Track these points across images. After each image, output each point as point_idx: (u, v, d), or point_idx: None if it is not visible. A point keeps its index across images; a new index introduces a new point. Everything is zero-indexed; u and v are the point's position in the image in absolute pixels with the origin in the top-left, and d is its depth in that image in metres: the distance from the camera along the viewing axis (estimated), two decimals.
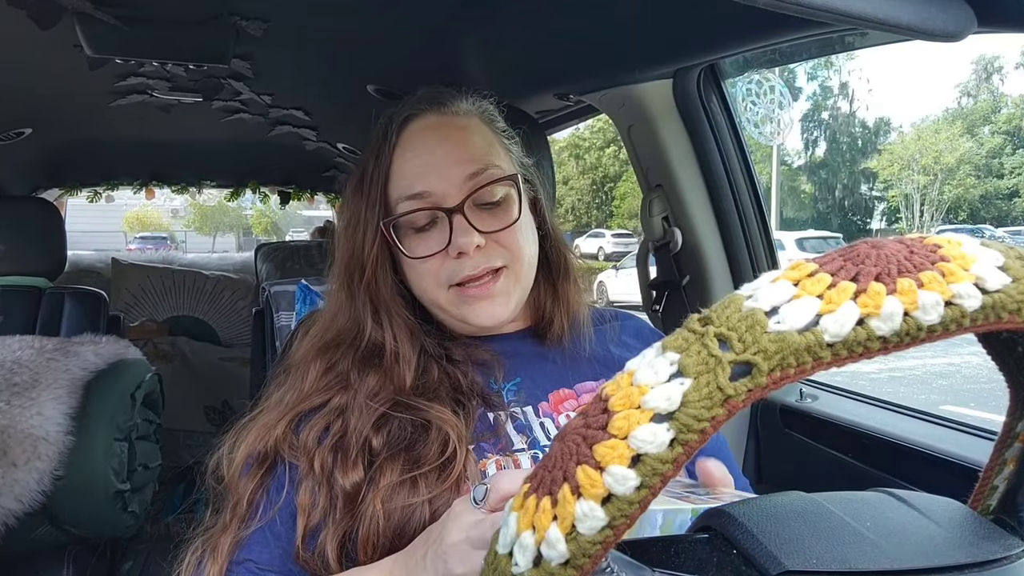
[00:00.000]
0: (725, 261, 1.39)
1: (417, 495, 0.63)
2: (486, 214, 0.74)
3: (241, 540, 0.65)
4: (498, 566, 0.28)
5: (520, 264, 0.75)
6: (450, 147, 0.75)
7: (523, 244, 0.76)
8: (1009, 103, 26.51)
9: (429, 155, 0.74)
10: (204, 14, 1.23)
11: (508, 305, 0.75)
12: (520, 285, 0.76)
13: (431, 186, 0.73)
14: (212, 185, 3.21)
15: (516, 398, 0.75)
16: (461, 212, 0.72)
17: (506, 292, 0.75)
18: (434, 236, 0.74)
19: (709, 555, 0.34)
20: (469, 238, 0.72)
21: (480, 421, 0.72)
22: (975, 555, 0.33)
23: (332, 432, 0.68)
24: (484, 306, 0.74)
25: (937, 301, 0.27)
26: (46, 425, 1.31)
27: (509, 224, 0.74)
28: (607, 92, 1.37)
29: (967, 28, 0.56)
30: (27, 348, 1.42)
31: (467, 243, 0.71)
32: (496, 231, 0.74)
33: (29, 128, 1.95)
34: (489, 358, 0.76)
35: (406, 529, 0.62)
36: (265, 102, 1.84)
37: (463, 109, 0.79)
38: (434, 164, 0.74)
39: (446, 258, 0.73)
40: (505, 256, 0.74)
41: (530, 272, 0.78)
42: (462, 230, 0.72)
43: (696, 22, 1.04)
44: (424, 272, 0.75)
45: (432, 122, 0.77)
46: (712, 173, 1.36)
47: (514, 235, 0.75)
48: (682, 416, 0.26)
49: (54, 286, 1.76)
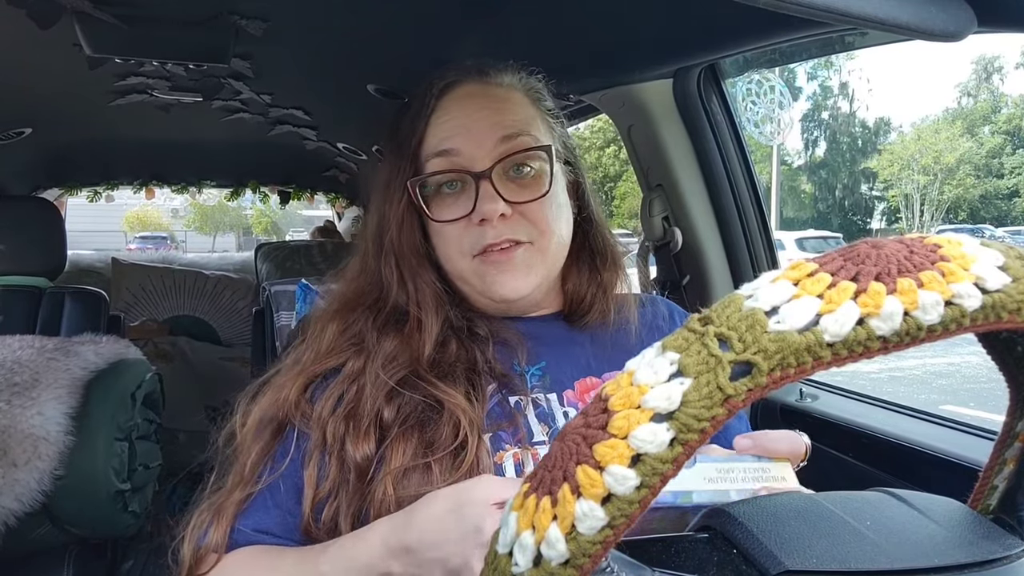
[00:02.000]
0: (725, 261, 1.39)
1: (431, 483, 0.61)
2: (515, 184, 0.72)
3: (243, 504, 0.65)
4: (498, 566, 0.28)
5: (547, 240, 0.73)
6: (486, 112, 0.73)
7: (551, 221, 0.73)
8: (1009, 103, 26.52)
9: (464, 118, 0.73)
10: (204, 14, 1.23)
11: (529, 278, 0.72)
12: (545, 263, 0.74)
13: (460, 145, 0.71)
14: (212, 185, 3.21)
15: (540, 383, 0.72)
16: (488, 178, 0.70)
17: (527, 264, 0.72)
18: (460, 202, 0.72)
19: (709, 555, 0.34)
20: (493, 205, 0.69)
21: (499, 406, 0.70)
22: (975, 555, 0.33)
23: (345, 401, 0.67)
24: (505, 278, 0.71)
25: (937, 301, 0.27)
26: (46, 425, 1.31)
27: (538, 196, 0.72)
28: (607, 92, 1.37)
29: (967, 28, 0.56)
30: (27, 348, 1.42)
31: (491, 210, 0.69)
32: (523, 202, 0.71)
33: (29, 128, 1.95)
34: (513, 338, 0.74)
35: None
36: (265, 102, 1.84)
37: (506, 81, 0.77)
38: (467, 126, 0.72)
39: (469, 225, 0.71)
40: (530, 231, 0.72)
41: (559, 252, 0.75)
42: (487, 196, 0.70)
43: (696, 22, 1.04)
44: (448, 238, 0.73)
45: (472, 89, 0.75)
46: (712, 173, 1.36)
47: (542, 209, 0.72)
48: (682, 416, 0.26)
49: (54, 286, 1.76)
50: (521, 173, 0.72)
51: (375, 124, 1.86)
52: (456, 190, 0.72)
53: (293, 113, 1.98)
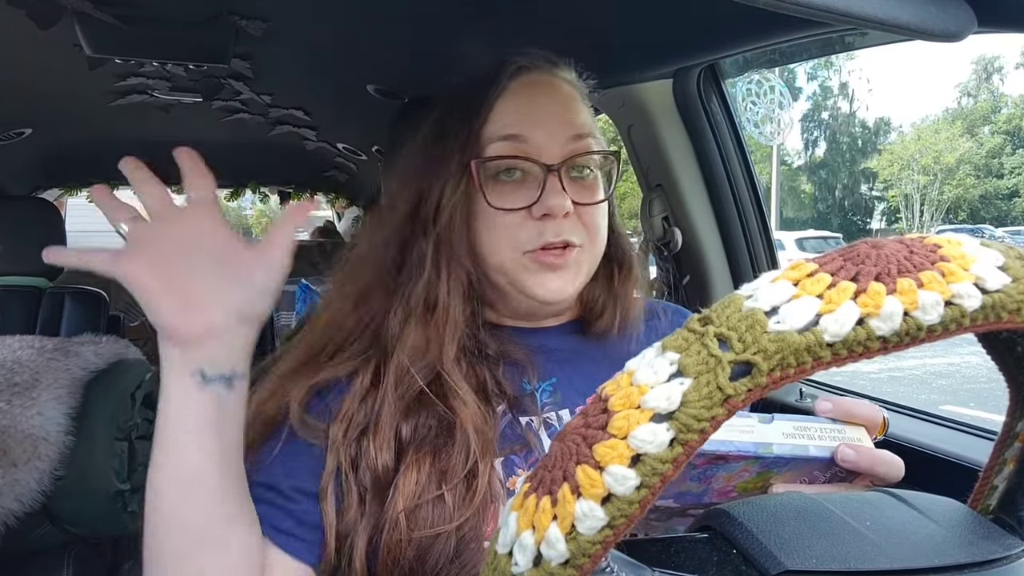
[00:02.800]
0: (725, 261, 1.39)
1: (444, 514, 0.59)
2: (576, 185, 0.69)
3: None
4: (498, 566, 0.28)
5: (595, 247, 0.72)
6: (558, 107, 0.71)
7: (602, 227, 0.72)
8: (1009, 103, 26.52)
9: (537, 106, 0.70)
10: (204, 14, 1.23)
11: (575, 282, 0.70)
12: (588, 270, 0.72)
13: (531, 134, 0.68)
14: None
15: (551, 400, 0.70)
16: (558, 172, 0.67)
17: (577, 268, 0.70)
18: (520, 192, 0.68)
19: (709, 555, 0.34)
20: (561, 200, 0.66)
21: (510, 428, 0.67)
22: (975, 555, 0.33)
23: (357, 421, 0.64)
24: (552, 277, 0.68)
25: (937, 301, 0.27)
26: (46, 425, 1.31)
27: (597, 200, 0.70)
28: (607, 92, 1.37)
29: (967, 28, 0.56)
30: (27, 348, 1.42)
31: (558, 206, 0.66)
32: (586, 204, 0.69)
33: (29, 128, 1.95)
34: (522, 356, 0.71)
35: (429, 553, 0.59)
36: (265, 102, 1.83)
37: (570, 77, 0.75)
38: (540, 115, 0.69)
39: (528, 218, 0.68)
40: (583, 235, 0.69)
41: (598, 259, 0.73)
42: (555, 191, 0.67)
43: (696, 22, 1.04)
44: (501, 227, 0.68)
45: (544, 79, 0.72)
46: (712, 173, 1.36)
47: (596, 214, 0.71)
48: (682, 416, 0.26)
49: (54, 286, 1.76)
50: (582, 174, 0.70)
51: (375, 124, 1.86)
52: (515, 179, 0.69)
53: (293, 113, 1.98)
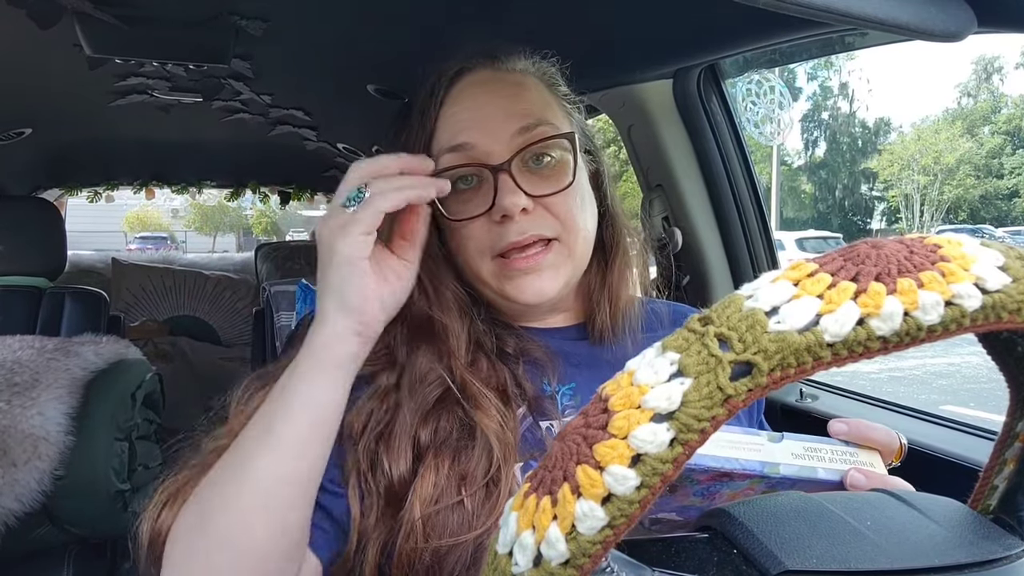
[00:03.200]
0: (725, 261, 1.39)
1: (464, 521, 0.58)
2: (536, 176, 0.67)
3: None
4: (498, 566, 0.28)
5: (573, 236, 0.67)
6: (501, 101, 0.67)
7: (577, 214, 0.68)
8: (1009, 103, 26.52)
9: (477, 109, 0.67)
10: (204, 14, 1.23)
11: (556, 281, 0.67)
12: (572, 261, 0.69)
13: (475, 139, 0.66)
14: (212, 185, 3.21)
15: (572, 403, 0.68)
16: (507, 171, 0.65)
17: (555, 266, 0.67)
18: (477, 198, 0.66)
19: (709, 555, 0.34)
20: (514, 199, 0.64)
21: (531, 432, 0.65)
22: (975, 555, 0.33)
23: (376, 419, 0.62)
24: (529, 280, 0.66)
25: (937, 301, 0.27)
26: (46, 425, 1.31)
27: (561, 188, 0.66)
28: (607, 92, 1.37)
29: (967, 28, 0.56)
30: (27, 348, 1.42)
31: (512, 204, 0.64)
32: (546, 195, 0.66)
33: (29, 128, 1.95)
34: (542, 356, 0.69)
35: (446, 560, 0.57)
36: (265, 102, 1.83)
37: (519, 66, 0.72)
38: (481, 118, 0.67)
39: (490, 223, 0.66)
40: (555, 226, 0.67)
41: (585, 248, 0.70)
42: (507, 190, 0.64)
43: (696, 22, 1.04)
44: (466, 238, 0.67)
45: (484, 77, 0.70)
46: (712, 173, 1.36)
47: (566, 202, 0.67)
48: (682, 416, 0.26)
49: (54, 286, 1.76)
50: (541, 164, 0.67)
51: (375, 124, 1.86)
52: (472, 185, 0.67)
53: (293, 113, 1.98)
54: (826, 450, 0.50)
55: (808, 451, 0.49)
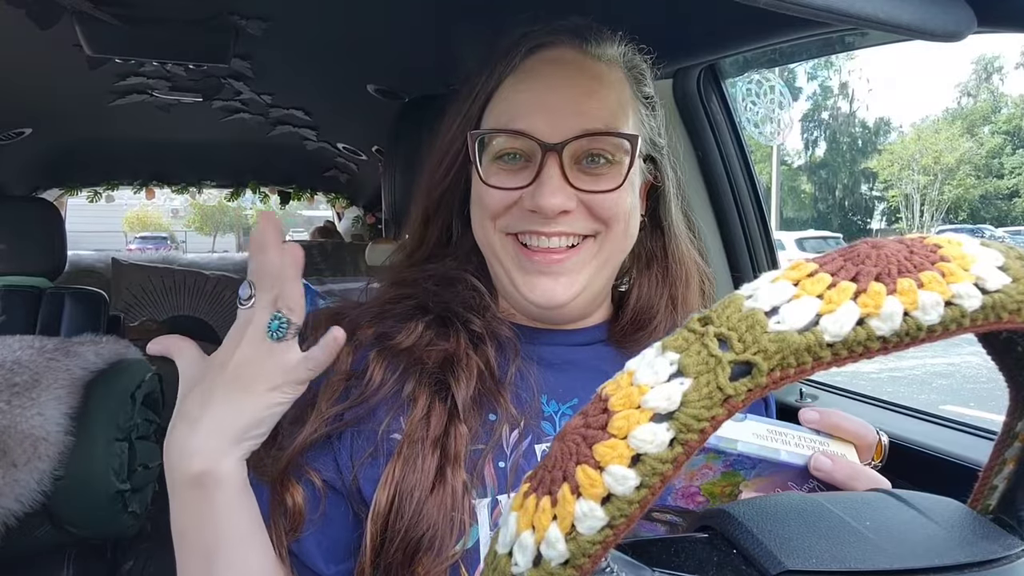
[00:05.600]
0: (725, 261, 1.39)
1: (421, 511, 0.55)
2: (585, 174, 0.61)
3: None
4: (498, 566, 0.28)
5: (610, 237, 0.62)
6: (574, 92, 0.61)
7: (621, 215, 0.62)
8: (1009, 103, 26.52)
9: (546, 93, 0.61)
10: (204, 14, 1.23)
11: (572, 287, 0.62)
12: (597, 263, 0.63)
13: (534, 128, 0.60)
14: (212, 185, 3.22)
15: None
16: (558, 154, 0.59)
17: (576, 270, 0.62)
18: (518, 177, 0.61)
19: (709, 555, 0.34)
20: (554, 200, 0.58)
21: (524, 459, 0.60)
22: (975, 555, 0.33)
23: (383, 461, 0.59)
24: (542, 281, 0.61)
25: (937, 301, 0.27)
26: (46, 425, 1.31)
27: (610, 189, 0.60)
28: None
29: (967, 28, 0.56)
30: (27, 348, 1.42)
31: (551, 207, 0.58)
32: (592, 192, 0.60)
33: (29, 128, 1.96)
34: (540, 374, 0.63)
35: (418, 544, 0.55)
36: (265, 102, 1.84)
37: (608, 54, 0.65)
38: (548, 104, 0.60)
39: (520, 203, 0.61)
40: (595, 226, 0.61)
41: (616, 254, 0.64)
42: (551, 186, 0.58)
43: (696, 22, 1.04)
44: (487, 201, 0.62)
45: (566, 56, 0.63)
46: (712, 173, 1.36)
47: (613, 205, 0.61)
48: (682, 416, 0.26)
49: (54, 286, 1.76)
50: (596, 163, 0.61)
51: (375, 124, 1.86)
52: (517, 164, 0.61)
53: (293, 113, 1.98)
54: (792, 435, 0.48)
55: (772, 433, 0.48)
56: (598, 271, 0.63)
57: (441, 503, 0.55)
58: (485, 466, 0.59)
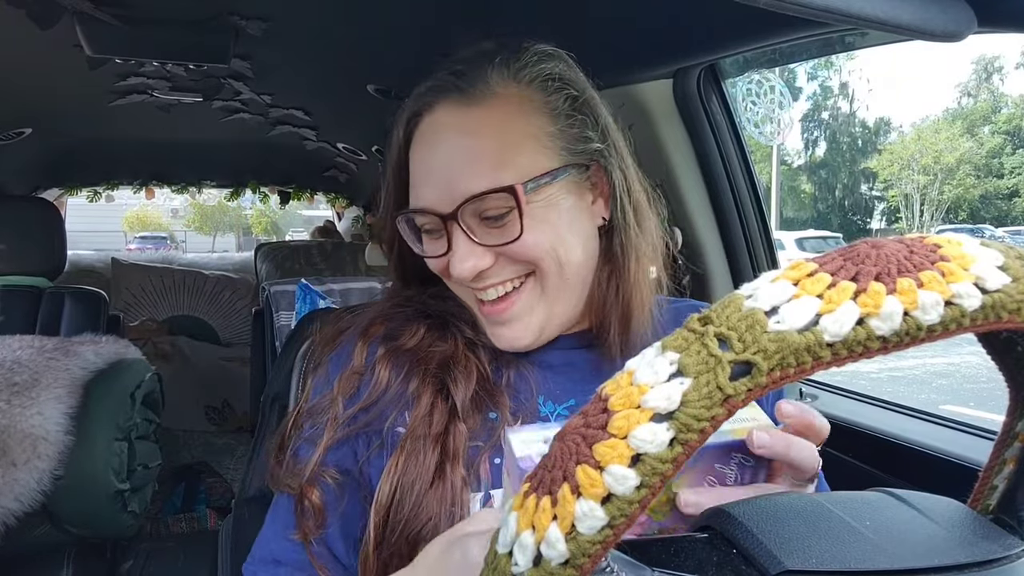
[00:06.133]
0: (725, 261, 1.39)
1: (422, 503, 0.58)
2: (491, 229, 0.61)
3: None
4: (498, 566, 0.28)
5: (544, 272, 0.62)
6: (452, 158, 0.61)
7: (542, 253, 0.61)
8: (1009, 103, 26.52)
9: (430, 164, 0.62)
10: (204, 14, 1.23)
11: (529, 329, 0.63)
12: (547, 298, 0.63)
13: (430, 202, 0.62)
14: (212, 185, 3.22)
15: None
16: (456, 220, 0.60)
17: (526, 312, 0.63)
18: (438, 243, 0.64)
19: (709, 555, 0.34)
20: (464, 264, 0.60)
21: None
22: (975, 555, 0.33)
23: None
24: (501, 331, 0.64)
25: (937, 301, 0.27)
26: (46, 425, 1.31)
27: (510, 240, 0.60)
28: (607, 92, 1.36)
29: (967, 28, 0.56)
30: (27, 348, 1.42)
31: (463, 272, 0.60)
32: (501, 244, 0.60)
33: (29, 128, 1.96)
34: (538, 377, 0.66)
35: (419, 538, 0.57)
36: (265, 102, 1.84)
37: (492, 87, 0.62)
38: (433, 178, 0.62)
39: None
40: (524, 267, 0.62)
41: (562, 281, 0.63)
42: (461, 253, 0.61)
43: (696, 22, 1.04)
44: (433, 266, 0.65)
45: (441, 120, 0.63)
46: (712, 173, 1.36)
47: (526, 248, 0.61)
48: (682, 416, 0.26)
49: (54, 286, 1.76)
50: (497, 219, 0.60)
51: (375, 124, 1.86)
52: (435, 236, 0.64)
53: (293, 113, 1.98)
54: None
55: None
56: (552, 304, 0.64)
57: (441, 497, 0.58)
58: (482, 463, 0.61)
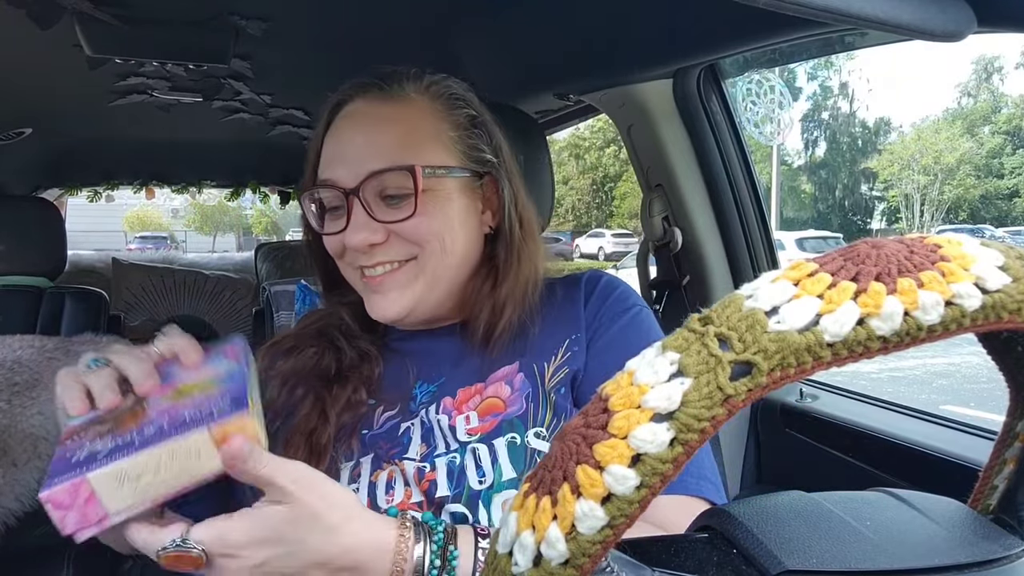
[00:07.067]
0: (725, 261, 1.39)
1: None
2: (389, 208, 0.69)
3: None
4: (498, 566, 0.28)
5: (429, 257, 0.70)
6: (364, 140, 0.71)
7: (434, 238, 0.70)
8: (1009, 103, 26.52)
9: (343, 145, 0.72)
10: (204, 14, 1.23)
11: (401, 301, 0.71)
12: (425, 280, 0.71)
13: (337, 177, 0.70)
14: (212, 185, 3.21)
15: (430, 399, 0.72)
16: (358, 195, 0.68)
17: (403, 286, 0.71)
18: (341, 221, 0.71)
19: (709, 554, 0.34)
20: (358, 236, 0.68)
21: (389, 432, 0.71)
22: (975, 555, 0.33)
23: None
24: (377, 299, 0.72)
25: (937, 301, 0.27)
26: (46, 424, 1.31)
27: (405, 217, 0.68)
28: (607, 92, 1.37)
29: (967, 28, 0.56)
30: (27, 348, 1.42)
31: (357, 242, 0.68)
32: (395, 221, 0.69)
33: (29, 128, 1.95)
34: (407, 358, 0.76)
35: None
36: (265, 102, 1.84)
37: (406, 92, 0.74)
38: (344, 156, 0.71)
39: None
40: (411, 249, 0.70)
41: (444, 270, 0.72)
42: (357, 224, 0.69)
43: (696, 22, 1.04)
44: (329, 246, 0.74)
45: (359, 109, 0.73)
46: (712, 173, 1.36)
47: (420, 229, 0.69)
48: (682, 416, 0.26)
49: (54, 286, 1.76)
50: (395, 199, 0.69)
51: None
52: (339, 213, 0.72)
53: (293, 113, 1.98)
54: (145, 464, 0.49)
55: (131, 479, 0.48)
56: (429, 287, 0.72)
57: None
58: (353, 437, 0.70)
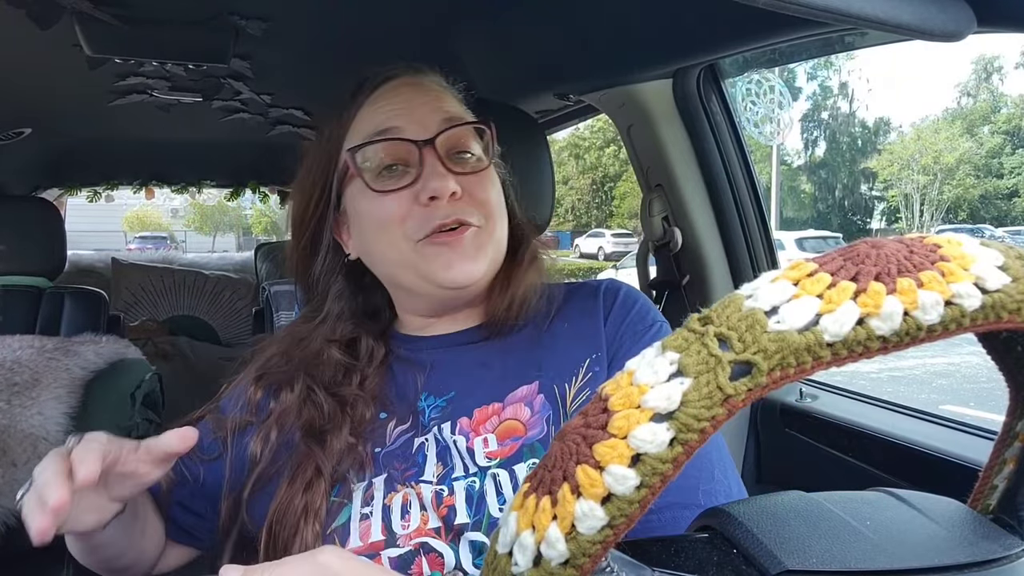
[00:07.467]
0: (725, 261, 1.39)
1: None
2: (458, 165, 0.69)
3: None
4: (498, 566, 0.28)
5: (494, 227, 0.70)
6: (427, 98, 0.71)
7: (497, 205, 0.70)
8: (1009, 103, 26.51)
9: (405, 101, 0.70)
10: (204, 14, 1.23)
11: (480, 263, 0.68)
12: (493, 247, 0.70)
13: (403, 124, 0.68)
14: (212, 185, 3.21)
15: (440, 415, 0.67)
16: (434, 147, 0.66)
17: (479, 246, 0.68)
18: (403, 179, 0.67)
19: (709, 555, 0.34)
20: (443, 182, 0.65)
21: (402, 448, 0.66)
22: (975, 555, 0.33)
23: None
24: (456, 260, 0.66)
25: (937, 301, 0.27)
26: (46, 424, 1.31)
27: (481, 168, 0.69)
28: (607, 92, 1.37)
29: (967, 28, 0.56)
30: (27, 348, 1.42)
31: (443, 187, 0.65)
32: (469, 173, 0.68)
33: (29, 128, 1.95)
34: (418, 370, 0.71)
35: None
36: (265, 102, 1.83)
37: (439, 81, 0.76)
38: (409, 107, 0.69)
39: (414, 205, 0.66)
40: (480, 214, 0.68)
41: (502, 238, 0.71)
42: (435, 173, 0.65)
43: (696, 22, 1.04)
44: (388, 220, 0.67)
45: (408, 81, 0.73)
46: (712, 173, 1.36)
47: (489, 192, 0.69)
48: (682, 416, 0.26)
49: (54, 286, 1.76)
50: (465, 158, 0.70)
51: None
52: (397, 173, 0.68)
53: (293, 113, 1.97)
54: None
55: None
56: (493, 260, 0.70)
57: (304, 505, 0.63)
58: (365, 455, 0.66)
